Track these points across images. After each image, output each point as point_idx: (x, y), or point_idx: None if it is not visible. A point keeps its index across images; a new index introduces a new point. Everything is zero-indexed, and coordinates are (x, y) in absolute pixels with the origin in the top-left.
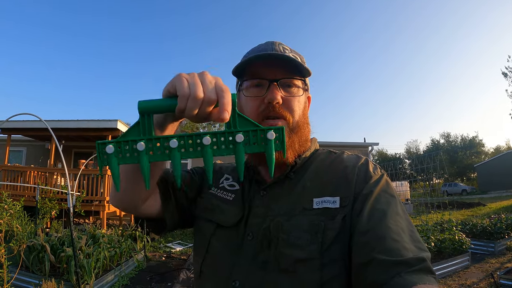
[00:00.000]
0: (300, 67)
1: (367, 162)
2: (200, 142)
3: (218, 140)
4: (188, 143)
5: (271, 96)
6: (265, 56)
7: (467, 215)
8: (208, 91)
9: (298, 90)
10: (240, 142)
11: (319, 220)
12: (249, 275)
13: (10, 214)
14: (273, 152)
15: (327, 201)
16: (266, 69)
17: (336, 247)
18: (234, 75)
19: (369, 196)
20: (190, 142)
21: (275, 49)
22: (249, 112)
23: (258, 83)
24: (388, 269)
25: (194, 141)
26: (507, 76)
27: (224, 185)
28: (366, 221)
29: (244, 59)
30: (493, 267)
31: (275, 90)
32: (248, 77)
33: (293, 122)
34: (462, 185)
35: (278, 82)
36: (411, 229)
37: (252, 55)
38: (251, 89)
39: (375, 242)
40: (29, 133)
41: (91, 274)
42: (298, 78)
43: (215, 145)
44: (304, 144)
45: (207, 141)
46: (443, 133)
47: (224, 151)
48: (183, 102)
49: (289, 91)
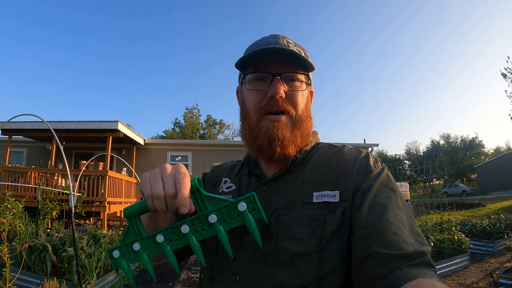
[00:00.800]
0: (303, 61)
1: (367, 156)
2: (180, 232)
3: (196, 225)
4: (172, 235)
5: (274, 90)
6: (268, 50)
7: (467, 216)
8: (167, 187)
9: (301, 84)
10: (214, 222)
11: (318, 214)
12: (249, 268)
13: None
14: (252, 223)
15: (327, 195)
16: (269, 63)
17: (335, 241)
18: (237, 68)
19: (369, 190)
20: (174, 234)
21: (279, 43)
22: (251, 106)
23: (261, 76)
24: (388, 263)
25: (176, 231)
26: (506, 77)
27: (223, 189)
28: (366, 215)
29: (247, 52)
30: (492, 267)
31: (278, 84)
32: (251, 71)
33: (296, 116)
34: (462, 186)
35: (281, 76)
36: (412, 223)
37: (256, 49)
38: (253, 82)
39: (375, 236)
40: (30, 134)
41: (93, 273)
42: (302, 72)
43: (196, 230)
44: (306, 139)
45: (185, 229)
46: (443, 134)
47: (206, 233)
48: (150, 202)
49: (292, 85)
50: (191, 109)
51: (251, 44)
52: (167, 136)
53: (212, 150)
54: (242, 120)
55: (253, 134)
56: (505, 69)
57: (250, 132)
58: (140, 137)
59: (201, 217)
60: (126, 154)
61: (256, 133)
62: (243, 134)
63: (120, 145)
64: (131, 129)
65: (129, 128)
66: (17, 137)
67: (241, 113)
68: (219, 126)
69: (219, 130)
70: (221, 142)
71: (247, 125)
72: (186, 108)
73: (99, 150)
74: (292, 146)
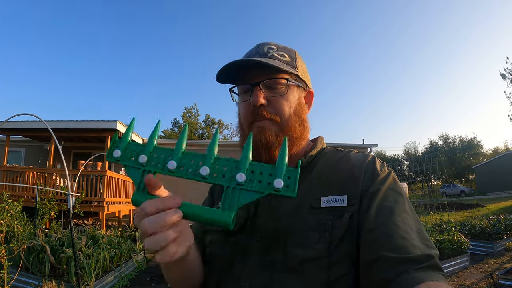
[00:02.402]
0: (276, 69)
1: (374, 160)
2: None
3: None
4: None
5: (253, 99)
6: (241, 63)
7: (466, 216)
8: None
9: (284, 89)
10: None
11: (327, 219)
12: (257, 275)
13: (10, 214)
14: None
15: (335, 199)
16: (248, 73)
17: (343, 245)
18: (219, 81)
19: (377, 194)
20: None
21: (258, 52)
22: (243, 118)
23: (245, 89)
24: (396, 266)
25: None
26: (506, 78)
27: None
28: (373, 219)
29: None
30: (492, 267)
31: (257, 93)
32: (237, 83)
33: (282, 121)
34: (460, 187)
35: (259, 84)
36: (419, 227)
37: (231, 62)
38: (241, 95)
39: (382, 240)
40: (28, 134)
41: (91, 275)
42: (280, 77)
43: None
44: (297, 143)
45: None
46: (441, 134)
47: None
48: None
49: (274, 91)
50: (190, 109)
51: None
52: (165, 136)
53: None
54: (239, 131)
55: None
56: (504, 70)
57: (243, 140)
58: (139, 137)
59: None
60: None
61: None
62: (240, 144)
63: None
64: None
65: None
66: (16, 137)
67: (238, 124)
68: (217, 126)
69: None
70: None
71: (242, 135)
72: (184, 108)
73: (98, 150)
74: (279, 150)
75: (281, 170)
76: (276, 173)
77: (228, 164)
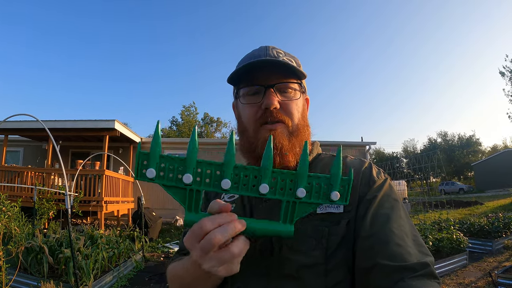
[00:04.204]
0: (294, 70)
1: (370, 167)
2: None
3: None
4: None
5: (267, 101)
6: (258, 63)
7: (465, 214)
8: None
9: (295, 93)
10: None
11: (323, 225)
12: (251, 281)
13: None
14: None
15: (331, 206)
16: (261, 75)
17: (340, 252)
18: (230, 83)
19: (373, 201)
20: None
21: (268, 54)
22: (247, 119)
23: (254, 90)
24: (392, 274)
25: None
26: (505, 75)
27: (224, 199)
28: (369, 226)
29: (238, 66)
30: (491, 266)
31: (271, 96)
32: (244, 85)
33: (293, 125)
34: (459, 184)
35: (273, 87)
36: (414, 233)
37: (245, 62)
38: (247, 97)
39: (378, 247)
40: (26, 134)
41: (90, 275)
42: (294, 81)
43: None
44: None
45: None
46: (440, 132)
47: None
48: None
49: (286, 95)
50: (188, 107)
51: (242, 59)
52: (164, 134)
53: (209, 149)
54: (240, 134)
55: (251, 146)
56: (503, 67)
57: (248, 144)
58: (137, 136)
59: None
60: (123, 153)
61: (254, 144)
62: (241, 147)
63: (117, 144)
64: (128, 128)
65: (126, 127)
66: (13, 137)
67: (238, 127)
68: (216, 124)
69: (216, 128)
70: (219, 140)
71: (245, 138)
72: (183, 106)
73: (96, 149)
74: (291, 154)
75: (337, 181)
76: (332, 183)
77: (285, 177)
